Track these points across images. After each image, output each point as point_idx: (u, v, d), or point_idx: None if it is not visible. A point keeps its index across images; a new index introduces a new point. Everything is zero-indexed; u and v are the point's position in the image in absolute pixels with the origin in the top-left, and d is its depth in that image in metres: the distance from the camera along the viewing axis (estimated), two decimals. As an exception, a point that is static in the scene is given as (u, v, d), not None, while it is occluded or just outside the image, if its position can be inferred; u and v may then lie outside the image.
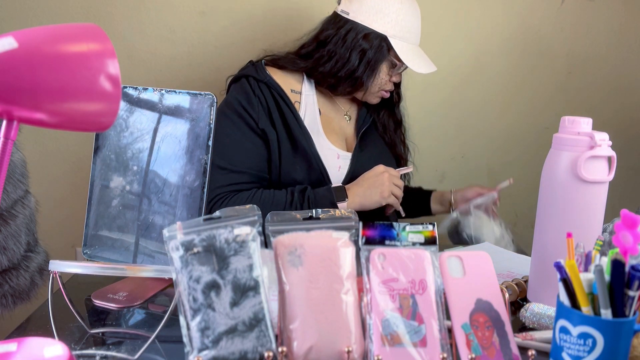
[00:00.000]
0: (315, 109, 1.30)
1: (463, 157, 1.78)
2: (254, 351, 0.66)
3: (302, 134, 1.24)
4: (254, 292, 0.68)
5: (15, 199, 1.02)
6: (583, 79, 1.73)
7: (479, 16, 1.67)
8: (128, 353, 0.75)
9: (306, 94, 1.30)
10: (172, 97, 0.96)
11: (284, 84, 1.28)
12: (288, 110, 1.24)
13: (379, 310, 0.69)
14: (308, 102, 1.30)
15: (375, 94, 1.31)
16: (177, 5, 1.60)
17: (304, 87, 1.30)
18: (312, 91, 1.31)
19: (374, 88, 1.29)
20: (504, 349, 0.67)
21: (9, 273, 1.03)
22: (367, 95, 1.31)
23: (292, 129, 1.24)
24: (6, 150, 0.55)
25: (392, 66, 1.27)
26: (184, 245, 0.68)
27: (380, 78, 1.27)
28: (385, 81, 1.29)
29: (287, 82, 1.29)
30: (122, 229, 0.97)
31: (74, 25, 0.58)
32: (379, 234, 0.74)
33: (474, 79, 1.72)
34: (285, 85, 1.28)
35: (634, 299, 0.61)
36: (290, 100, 1.26)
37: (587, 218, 0.85)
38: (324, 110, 1.32)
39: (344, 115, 1.37)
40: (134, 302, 0.91)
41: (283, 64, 1.29)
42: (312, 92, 1.31)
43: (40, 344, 0.58)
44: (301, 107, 1.28)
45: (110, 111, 0.57)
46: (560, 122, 0.87)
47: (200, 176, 0.93)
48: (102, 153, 0.99)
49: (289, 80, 1.29)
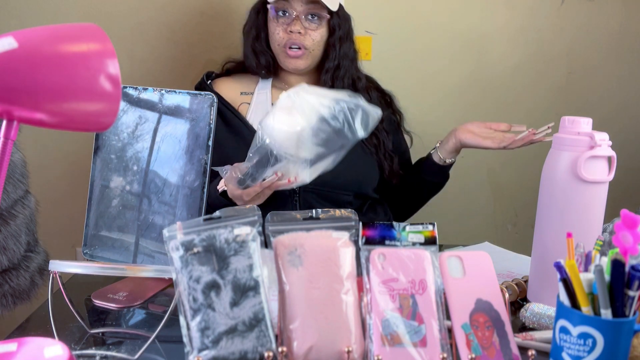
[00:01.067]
0: (268, 106, 1.30)
1: (463, 157, 1.78)
2: (254, 351, 0.66)
3: (250, 134, 1.22)
4: (254, 292, 0.68)
5: (15, 199, 1.02)
6: (583, 79, 1.73)
7: (479, 16, 1.67)
8: (128, 353, 0.75)
9: (259, 93, 1.31)
10: (172, 97, 0.96)
11: (230, 90, 1.31)
12: (232, 115, 1.27)
13: (379, 310, 0.69)
14: (259, 100, 1.30)
15: (282, 54, 1.25)
16: (177, 5, 1.60)
17: (259, 85, 1.32)
18: (267, 88, 1.32)
19: (274, 47, 1.26)
20: (504, 349, 0.67)
21: (9, 273, 1.03)
22: (279, 59, 1.27)
23: (239, 131, 1.25)
24: (6, 150, 0.55)
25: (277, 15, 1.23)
26: (184, 245, 0.68)
27: (272, 32, 1.25)
28: (282, 35, 1.23)
29: (236, 87, 1.32)
30: (122, 229, 0.97)
31: (74, 25, 0.58)
32: (379, 234, 0.74)
33: (474, 79, 1.72)
34: (232, 90, 1.31)
35: (634, 299, 0.61)
36: (232, 105, 1.28)
37: (587, 218, 0.85)
38: None
39: None
40: (134, 302, 0.91)
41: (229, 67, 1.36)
42: (266, 89, 1.31)
43: (40, 344, 0.58)
44: (250, 107, 1.29)
45: (110, 111, 0.57)
46: (560, 122, 0.87)
47: (200, 176, 0.93)
48: (102, 153, 0.99)
49: (239, 85, 1.32)
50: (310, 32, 1.23)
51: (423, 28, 1.67)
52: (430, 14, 1.66)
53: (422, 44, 1.68)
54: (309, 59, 1.26)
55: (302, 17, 1.22)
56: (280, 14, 1.23)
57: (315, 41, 1.24)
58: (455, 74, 1.71)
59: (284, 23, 1.23)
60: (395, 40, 1.66)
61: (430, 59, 1.69)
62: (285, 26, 1.23)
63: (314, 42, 1.24)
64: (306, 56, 1.25)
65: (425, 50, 1.69)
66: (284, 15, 1.23)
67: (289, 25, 1.22)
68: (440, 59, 1.70)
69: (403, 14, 1.65)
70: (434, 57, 1.69)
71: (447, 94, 1.71)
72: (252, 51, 1.29)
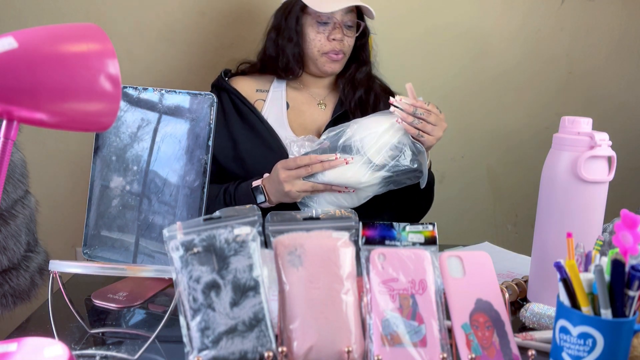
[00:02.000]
0: (283, 103, 1.32)
1: (463, 157, 1.78)
2: (254, 351, 0.66)
3: (265, 129, 1.26)
4: (254, 292, 0.68)
5: (15, 199, 1.02)
6: (583, 79, 1.73)
7: (479, 16, 1.67)
8: (128, 353, 0.75)
9: (274, 90, 1.34)
10: (172, 97, 0.96)
11: (247, 86, 1.33)
12: (248, 110, 1.29)
13: (379, 310, 0.69)
14: (275, 97, 1.33)
15: (321, 60, 1.29)
16: (177, 5, 1.60)
17: (274, 84, 1.34)
18: (282, 87, 1.34)
19: (312, 52, 1.28)
20: (504, 349, 0.67)
21: (9, 273, 1.03)
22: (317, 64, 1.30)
23: (254, 126, 1.27)
24: (6, 150, 0.55)
25: (318, 23, 1.26)
26: (184, 245, 0.68)
27: (311, 39, 1.27)
28: (323, 42, 1.27)
29: (252, 85, 1.34)
30: (122, 229, 0.97)
31: (74, 25, 0.58)
32: (379, 234, 0.74)
33: (474, 79, 1.72)
34: (248, 87, 1.33)
35: (634, 299, 0.61)
36: (249, 101, 1.30)
37: (587, 218, 0.85)
38: (293, 103, 1.33)
39: (318, 104, 1.35)
40: (134, 302, 0.91)
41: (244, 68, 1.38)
42: (281, 88, 1.34)
43: (40, 344, 0.58)
44: (265, 104, 1.32)
45: (111, 111, 0.57)
46: (560, 122, 0.87)
47: (200, 176, 0.93)
48: (102, 153, 0.99)
49: (255, 83, 1.35)
50: (347, 38, 1.29)
51: (423, 28, 1.67)
52: (430, 14, 1.66)
53: (423, 44, 1.68)
54: (344, 62, 1.33)
55: (342, 25, 1.27)
56: (320, 22, 1.27)
57: (350, 46, 1.31)
58: (455, 74, 1.71)
59: (325, 31, 1.27)
60: (395, 40, 1.66)
61: (431, 59, 1.69)
62: (327, 34, 1.27)
63: (349, 47, 1.31)
64: (343, 60, 1.31)
65: (425, 50, 1.69)
66: (325, 25, 1.27)
67: (330, 33, 1.27)
68: (441, 59, 1.70)
69: (403, 14, 1.65)
70: (434, 57, 1.70)
71: (447, 94, 1.71)
72: (290, 55, 1.29)
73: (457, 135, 1.75)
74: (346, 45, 1.29)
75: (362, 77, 1.35)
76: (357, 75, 1.35)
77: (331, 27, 1.26)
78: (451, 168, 1.77)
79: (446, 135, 1.76)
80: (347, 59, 1.33)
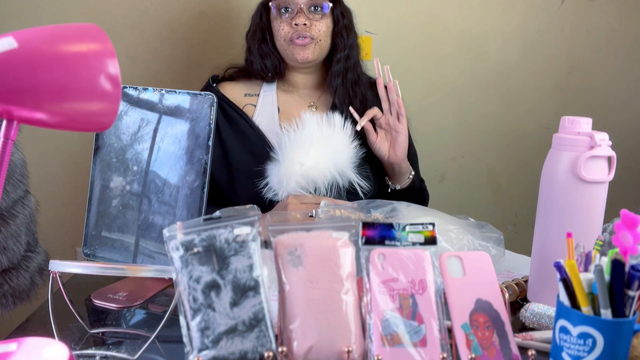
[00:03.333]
0: (274, 108, 1.30)
1: (463, 157, 1.78)
2: (254, 351, 0.66)
3: (255, 134, 1.26)
4: (254, 292, 0.68)
5: (15, 199, 1.02)
6: (583, 79, 1.73)
7: (479, 16, 1.67)
8: (128, 353, 0.75)
9: (264, 95, 1.32)
10: (172, 97, 0.96)
11: (234, 91, 1.32)
12: (237, 116, 1.28)
13: (379, 310, 0.69)
14: (266, 102, 1.31)
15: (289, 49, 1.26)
16: (177, 5, 1.60)
17: (264, 88, 1.33)
18: (272, 91, 1.32)
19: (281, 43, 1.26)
20: (504, 349, 0.67)
21: (9, 273, 1.03)
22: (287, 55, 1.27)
23: (244, 132, 1.26)
24: (6, 150, 0.55)
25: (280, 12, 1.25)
26: (184, 245, 0.68)
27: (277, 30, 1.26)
28: (287, 30, 1.24)
29: (240, 89, 1.33)
30: (122, 229, 0.97)
31: (74, 25, 0.58)
32: (379, 234, 0.74)
33: (474, 78, 1.72)
34: (236, 92, 1.32)
35: (633, 299, 0.61)
36: (237, 106, 1.29)
37: (587, 218, 0.85)
38: (284, 107, 1.32)
39: (309, 106, 1.33)
40: (134, 302, 0.91)
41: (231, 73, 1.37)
42: (271, 92, 1.32)
43: (40, 344, 0.58)
44: (257, 109, 1.31)
45: (111, 111, 0.57)
46: (560, 122, 0.87)
47: (200, 176, 0.93)
48: (102, 153, 0.99)
49: (243, 87, 1.34)
50: (315, 22, 1.24)
51: (423, 28, 1.67)
52: (430, 14, 1.66)
53: (422, 44, 1.68)
54: (317, 49, 1.26)
55: (304, 10, 1.23)
56: (282, 10, 1.24)
57: (321, 31, 1.25)
58: (455, 73, 1.71)
59: (288, 18, 1.24)
60: (395, 40, 1.66)
61: (430, 59, 1.70)
62: (290, 21, 1.24)
63: (320, 32, 1.25)
64: (314, 46, 1.25)
65: (425, 50, 1.69)
66: (286, 12, 1.24)
67: (292, 19, 1.23)
68: (440, 58, 1.70)
69: (403, 14, 1.65)
70: (434, 57, 1.70)
71: (446, 94, 1.72)
72: (258, 55, 1.29)
73: (457, 135, 1.75)
74: (315, 30, 1.24)
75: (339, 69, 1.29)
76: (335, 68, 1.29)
77: (293, 14, 1.24)
78: (451, 168, 1.77)
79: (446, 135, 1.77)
80: (323, 46, 1.27)
